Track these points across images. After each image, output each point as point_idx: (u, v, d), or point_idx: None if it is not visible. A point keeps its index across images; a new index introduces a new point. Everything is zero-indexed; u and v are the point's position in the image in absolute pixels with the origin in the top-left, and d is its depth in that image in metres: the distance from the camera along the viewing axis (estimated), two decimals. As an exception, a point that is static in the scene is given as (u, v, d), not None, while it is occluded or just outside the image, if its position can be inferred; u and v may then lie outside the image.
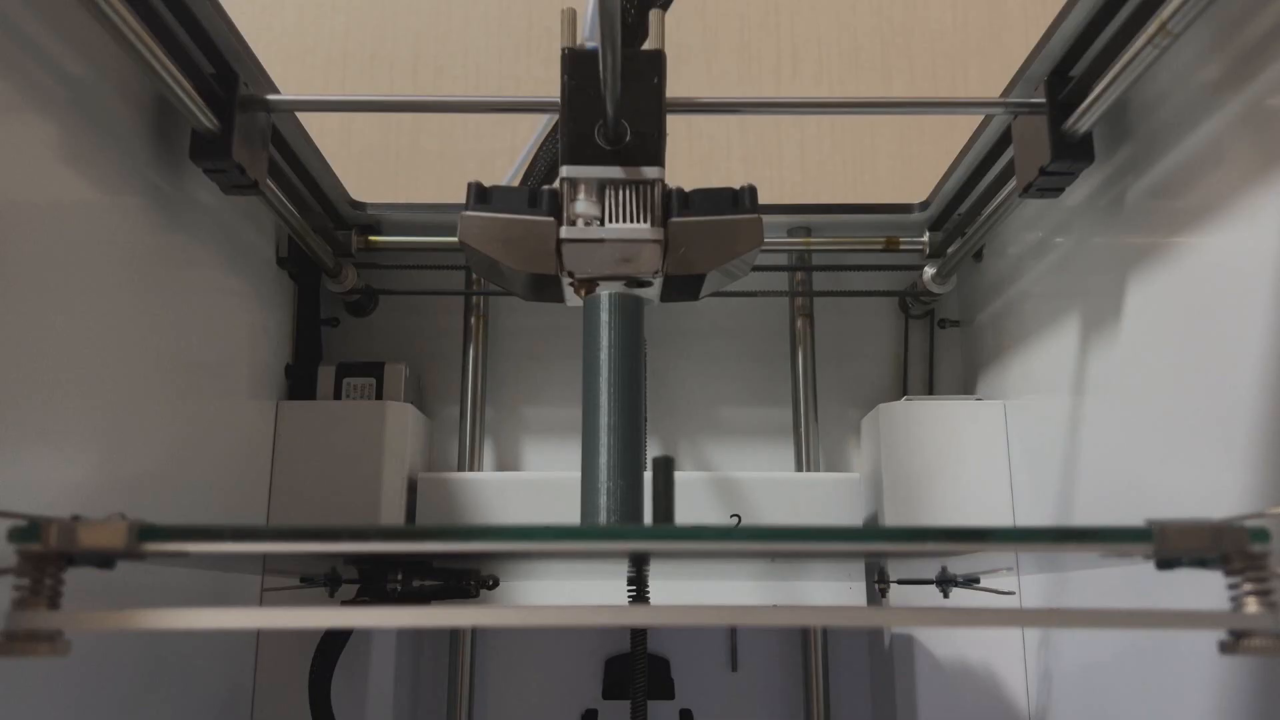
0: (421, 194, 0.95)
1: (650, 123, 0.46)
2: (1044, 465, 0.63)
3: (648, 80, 0.46)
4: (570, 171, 0.45)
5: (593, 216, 0.45)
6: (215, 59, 0.53)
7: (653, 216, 0.45)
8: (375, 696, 0.67)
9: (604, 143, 0.45)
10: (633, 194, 0.45)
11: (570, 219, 0.45)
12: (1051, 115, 0.53)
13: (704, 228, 0.45)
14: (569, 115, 0.46)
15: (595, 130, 0.45)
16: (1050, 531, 0.32)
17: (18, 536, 0.28)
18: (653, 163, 0.45)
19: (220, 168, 0.53)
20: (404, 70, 0.99)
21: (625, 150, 0.45)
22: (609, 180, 0.45)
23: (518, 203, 0.46)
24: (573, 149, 0.45)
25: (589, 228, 0.45)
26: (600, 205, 0.45)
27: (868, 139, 0.96)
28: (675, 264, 0.45)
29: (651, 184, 0.45)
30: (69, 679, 0.45)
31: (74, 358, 0.45)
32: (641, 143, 0.46)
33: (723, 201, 0.46)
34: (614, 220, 0.45)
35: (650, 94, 0.46)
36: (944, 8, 1.00)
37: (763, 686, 0.76)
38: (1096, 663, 0.57)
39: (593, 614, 0.29)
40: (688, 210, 0.45)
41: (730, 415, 0.81)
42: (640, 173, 0.45)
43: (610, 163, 0.45)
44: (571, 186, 0.45)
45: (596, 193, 0.45)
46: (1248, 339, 0.42)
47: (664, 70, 0.47)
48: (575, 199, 0.45)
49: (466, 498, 0.71)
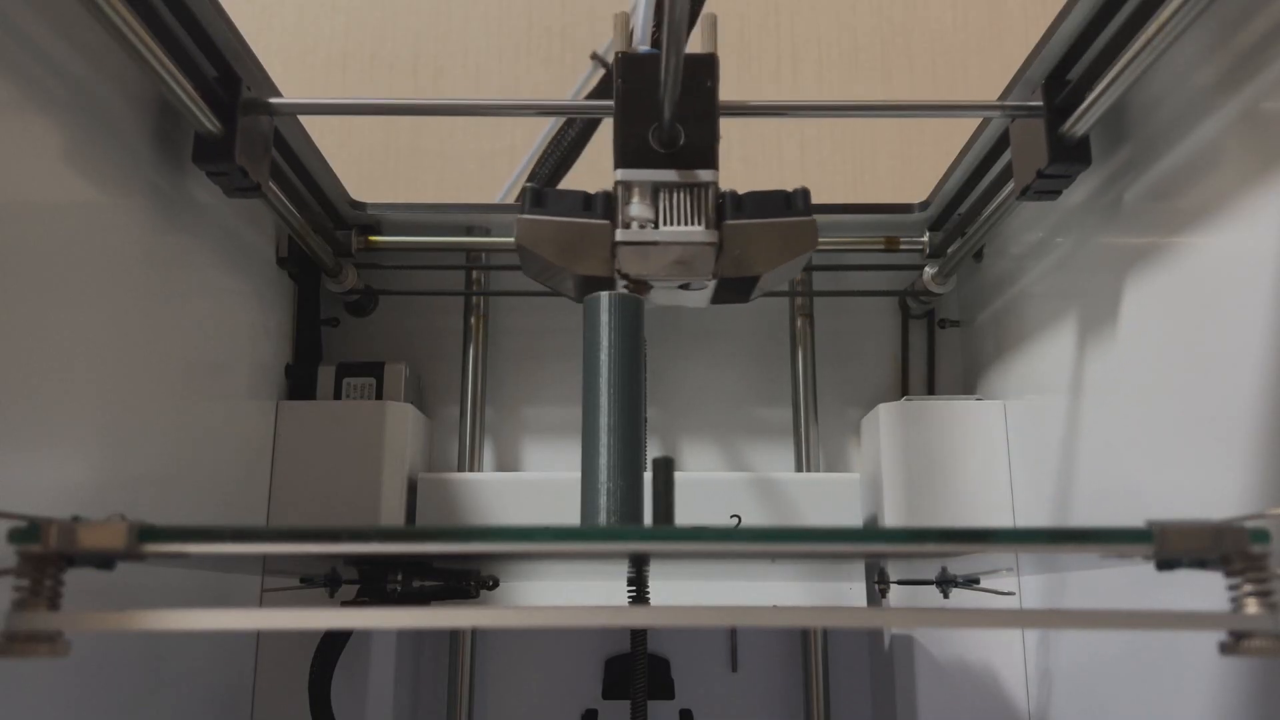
0: (421, 194, 0.95)
1: (704, 126, 0.46)
2: (1044, 465, 0.63)
3: (701, 83, 0.47)
4: (625, 175, 0.46)
5: (647, 219, 0.45)
6: (218, 62, 0.53)
7: (707, 219, 0.45)
8: (375, 696, 0.67)
9: (658, 146, 0.46)
10: (687, 197, 0.46)
11: (625, 221, 0.45)
12: (1049, 118, 0.53)
13: (758, 230, 0.46)
14: (623, 119, 0.46)
15: (650, 133, 0.46)
16: (1050, 532, 0.32)
17: (18, 537, 0.28)
18: (707, 166, 0.46)
19: (223, 171, 0.54)
20: (404, 71, 0.99)
21: (679, 153, 0.46)
22: (663, 183, 0.46)
23: (572, 206, 0.46)
24: (627, 152, 0.46)
25: (644, 230, 0.45)
26: (655, 208, 0.45)
27: (868, 139, 0.96)
28: (729, 266, 0.46)
29: (706, 187, 0.46)
30: (69, 680, 0.45)
31: (74, 358, 0.45)
32: (695, 146, 0.46)
33: (776, 204, 0.46)
34: (668, 223, 0.45)
35: (704, 97, 0.47)
36: (944, 7, 1.00)
37: (763, 687, 0.76)
38: (1096, 663, 0.57)
39: (592, 614, 0.29)
40: (741, 213, 0.46)
41: (730, 415, 0.81)
42: (695, 176, 0.46)
43: (665, 166, 0.46)
44: (626, 189, 0.46)
45: (651, 196, 0.46)
46: (1247, 339, 0.42)
47: (717, 74, 0.47)
48: (630, 202, 0.45)
49: (466, 498, 0.71)
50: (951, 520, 0.68)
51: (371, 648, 0.67)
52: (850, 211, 0.76)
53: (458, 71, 0.99)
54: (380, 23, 1.00)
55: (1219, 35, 0.45)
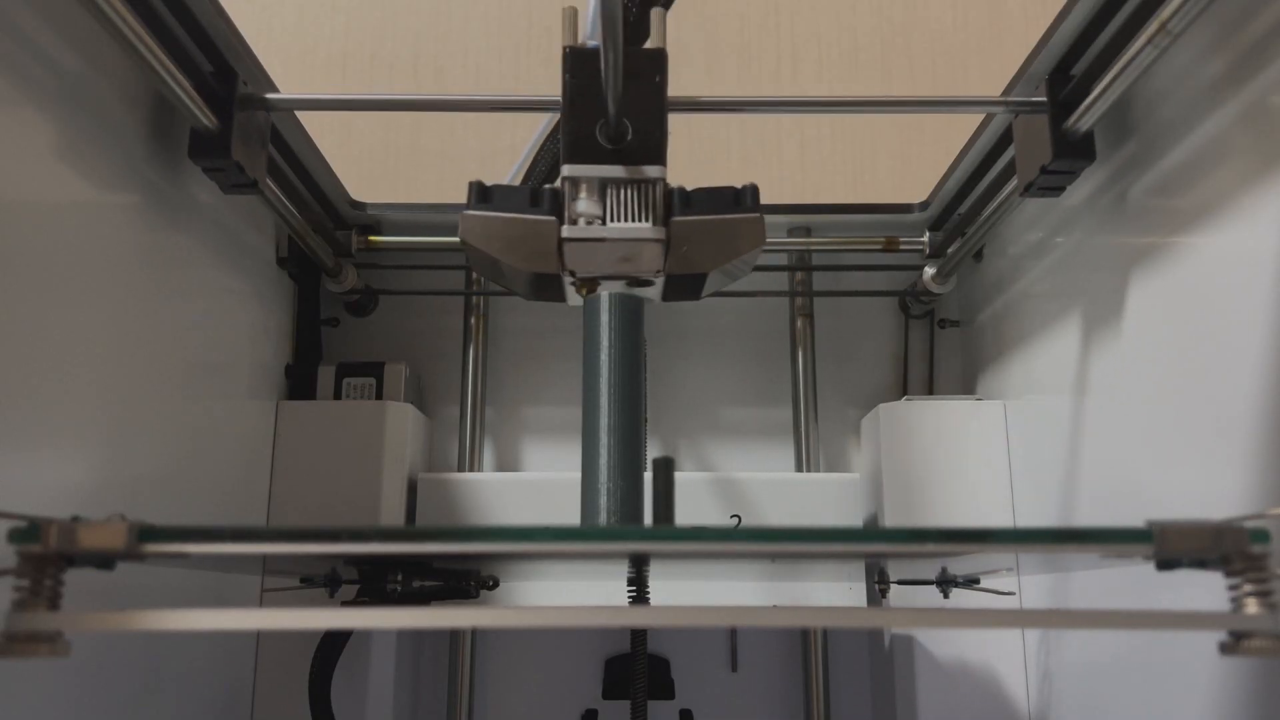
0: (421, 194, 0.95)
1: (652, 122, 0.46)
2: (1044, 465, 0.63)
3: (649, 79, 0.46)
4: (571, 170, 0.45)
5: (594, 215, 0.45)
6: (214, 57, 0.53)
7: (654, 215, 0.45)
8: (375, 696, 0.67)
9: (605, 141, 0.45)
10: (634, 193, 0.45)
11: (572, 218, 0.45)
12: (1053, 114, 0.53)
13: (705, 227, 0.45)
14: (570, 114, 0.46)
15: (597, 129, 0.45)
16: (1050, 532, 0.32)
17: (18, 537, 0.28)
18: (654, 161, 0.45)
19: (219, 166, 0.53)
20: (404, 70, 0.99)
21: (627, 149, 0.45)
22: (610, 179, 0.45)
23: (519, 202, 0.45)
24: (574, 148, 0.45)
25: (590, 227, 0.44)
26: (602, 204, 0.45)
27: (868, 139, 0.96)
28: (677, 263, 0.45)
29: (653, 183, 0.45)
30: (69, 680, 0.45)
31: (73, 358, 0.45)
32: (643, 142, 0.45)
33: (724, 201, 0.46)
34: (615, 219, 0.45)
35: (652, 93, 0.46)
36: (944, 7, 1.00)
37: (763, 687, 0.76)
38: (1096, 663, 0.57)
39: (592, 614, 0.29)
40: (689, 209, 0.45)
41: (730, 415, 0.81)
42: (642, 172, 0.45)
43: (612, 161, 0.45)
44: (573, 185, 0.45)
45: (598, 192, 0.45)
46: (1249, 339, 0.42)
47: (665, 69, 0.47)
48: (577, 198, 0.45)
49: (466, 498, 0.71)
50: (951, 520, 0.68)
51: (371, 647, 0.67)
52: (850, 211, 0.76)
53: (458, 71, 0.99)
54: (380, 23, 1.00)
55: (1223, 30, 0.44)
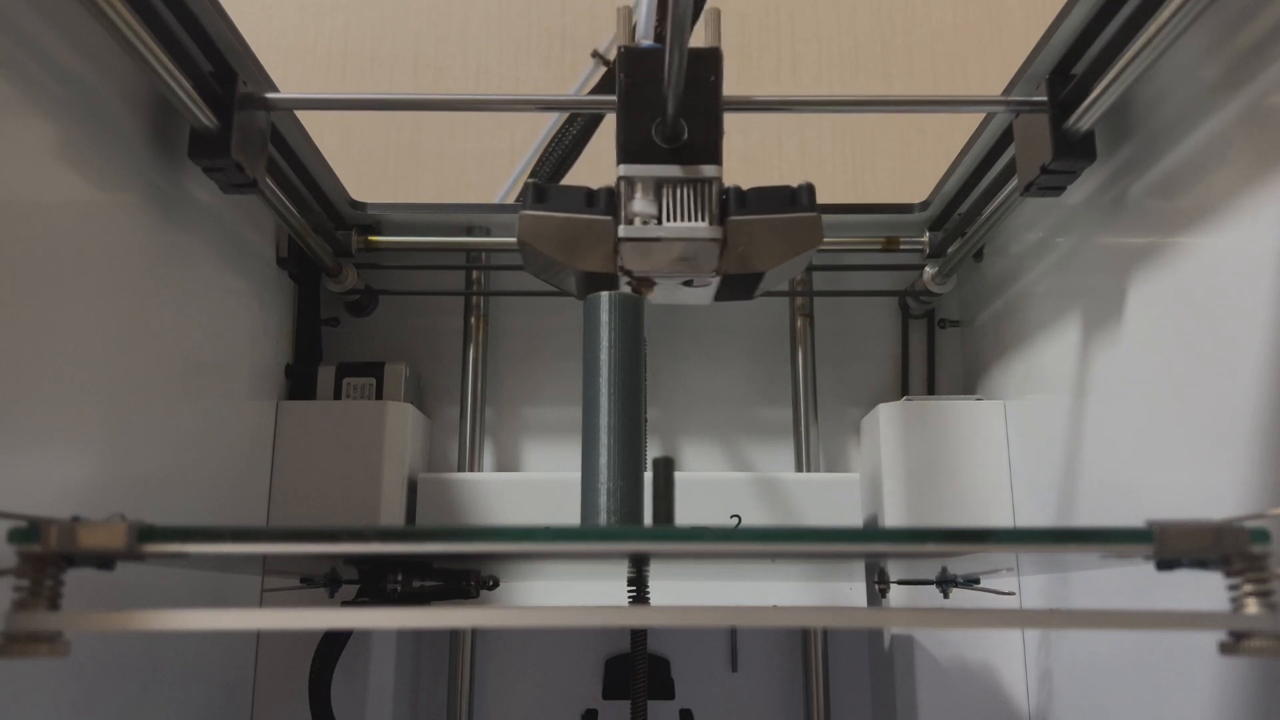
0: (421, 194, 0.95)
1: (708, 121, 0.46)
2: (1044, 465, 0.63)
3: (704, 78, 0.46)
4: (627, 170, 0.45)
5: (650, 215, 0.45)
6: (214, 57, 0.53)
7: (711, 215, 0.45)
8: (375, 696, 0.67)
9: (661, 141, 0.45)
10: (690, 192, 0.45)
11: (628, 218, 0.45)
12: (1053, 113, 0.53)
13: (763, 226, 0.45)
14: (626, 114, 0.46)
15: (653, 129, 0.45)
16: (1050, 532, 0.32)
17: (18, 537, 0.28)
18: (711, 161, 0.45)
19: (219, 166, 0.53)
20: (404, 70, 0.99)
21: (683, 149, 0.45)
22: (667, 179, 0.45)
23: (575, 202, 0.45)
24: (630, 147, 0.45)
25: (646, 226, 0.44)
26: (658, 204, 0.45)
27: (868, 139, 0.96)
28: (733, 263, 0.45)
29: (709, 182, 0.45)
30: (69, 680, 0.45)
31: (73, 358, 0.45)
32: (699, 141, 0.45)
33: (781, 200, 0.46)
34: (672, 219, 0.45)
35: (707, 92, 0.46)
36: (944, 7, 1.00)
37: (763, 687, 0.76)
38: (1096, 663, 0.57)
39: (592, 614, 0.29)
40: (745, 209, 0.45)
41: (730, 415, 0.81)
42: (698, 171, 0.45)
43: (668, 161, 0.45)
44: (629, 185, 0.45)
45: (654, 191, 0.45)
46: (1249, 339, 0.42)
47: (720, 68, 0.47)
48: (633, 198, 0.45)
49: (466, 498, 0.71)
50: (951, 520, 0.68)
51: (371, 647, 0.67)
52: (850, 211, 0.76)
53: (458, 71, 0.99)
54: (380, 23, 1.00)
55: (1225, 29, 0.44)
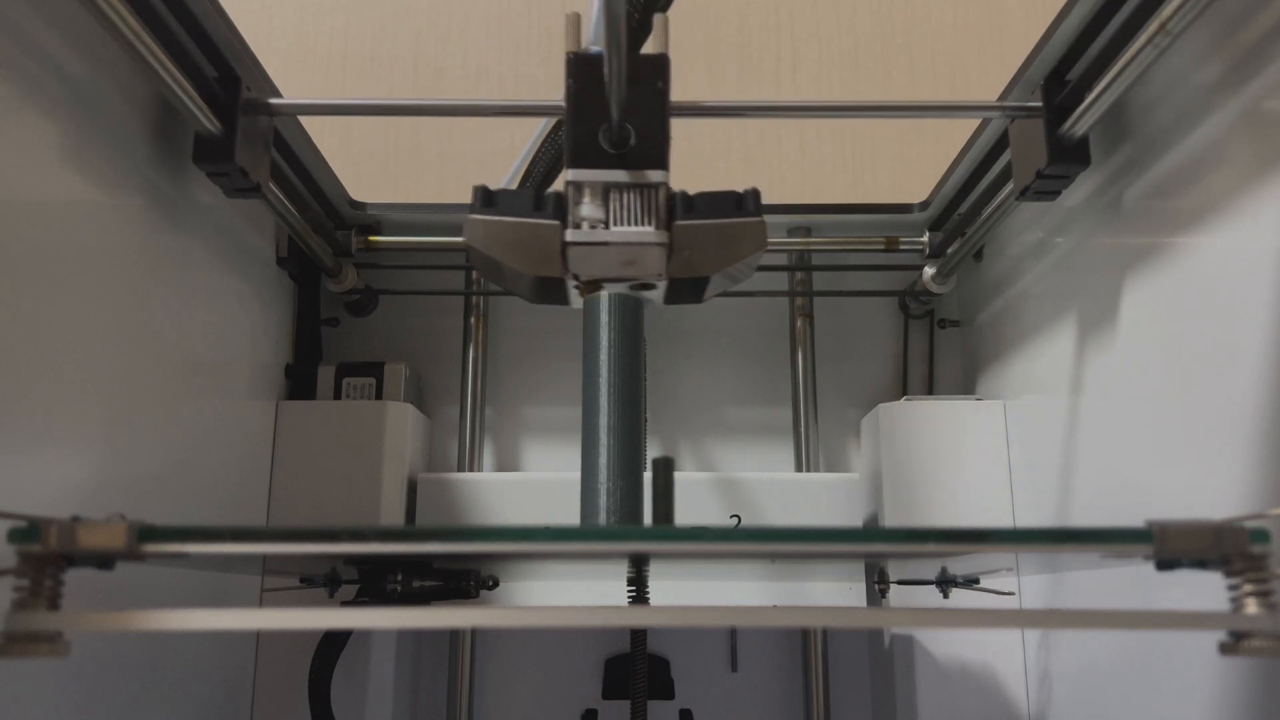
0: (421, 194, 0.95)
1: (654, 126, 0.46)
2: (1044, 465, 0.63)
3: (651, 84, 0.46)
4: (575, 175, 0.45)
5: (597, 220, 0.45)
6: (218, 62, 0.53)
7: (657, 220, 0.45)
8: (375, 696, 0.67)
9: (609, 146, 0.45)
10: (637, 197, 0.45)
11: (575, 222, 0.45)
12: (1048, 119, 0.53)
13: (708, 231, 0.45)
14: (573, 119, 0.46)
15: (600, 134, 0.46)
16: (1050, 532, 0.32)
17: (18, 537, 0.28)
18: (657, 166, 0.45)
19: (223, 171, 0.54)
20: (404, 71, 0.99)
21: (630, 154, 0.45)
22: (613, 184, 0.45)
23: (523, 206, 0.46)
24: (577, 152, 0.45)
25: (594, 231, 0.45)
26: (605, 208, 0.45)
27: (868, 139, 0.96)
28: (679, 267, 0.45)
29: (656, 187, 0.45)
30: (69, 680, 0.45)
31: (74, 358, 0.45)
32: (646, 146, 0.46)
33: (726, 204, 0.46)
34: (619, 223, 0.45)
35: (654, 97, 0.46)
36: (944, 7, 1.00)
37: (763, 687, 0.76)
38: (1096, 663, 0.57)
39: (592, 614, 0.29)
40: (691, 213, 0.45)
41: (730, 415, 0.81)
42: (645, 176, 0.45)
43: (615, 166, 0.45)
44: (576, 190, 0.45)
45: (601, 196, 0.45)
46: (1247, 339, 0.42)
47: (668, 74, 0.47)
48: (580, 202, 0.45)
49: (466, 498, 0.71)
50: (951, 520, 0.68)
51: (371, 647, 0.67)
52: (850, 211, 0.76)
53: (458, 72, 0.99)
54: (380, 23, 1.00)
55: (1220, 34, 0.45)
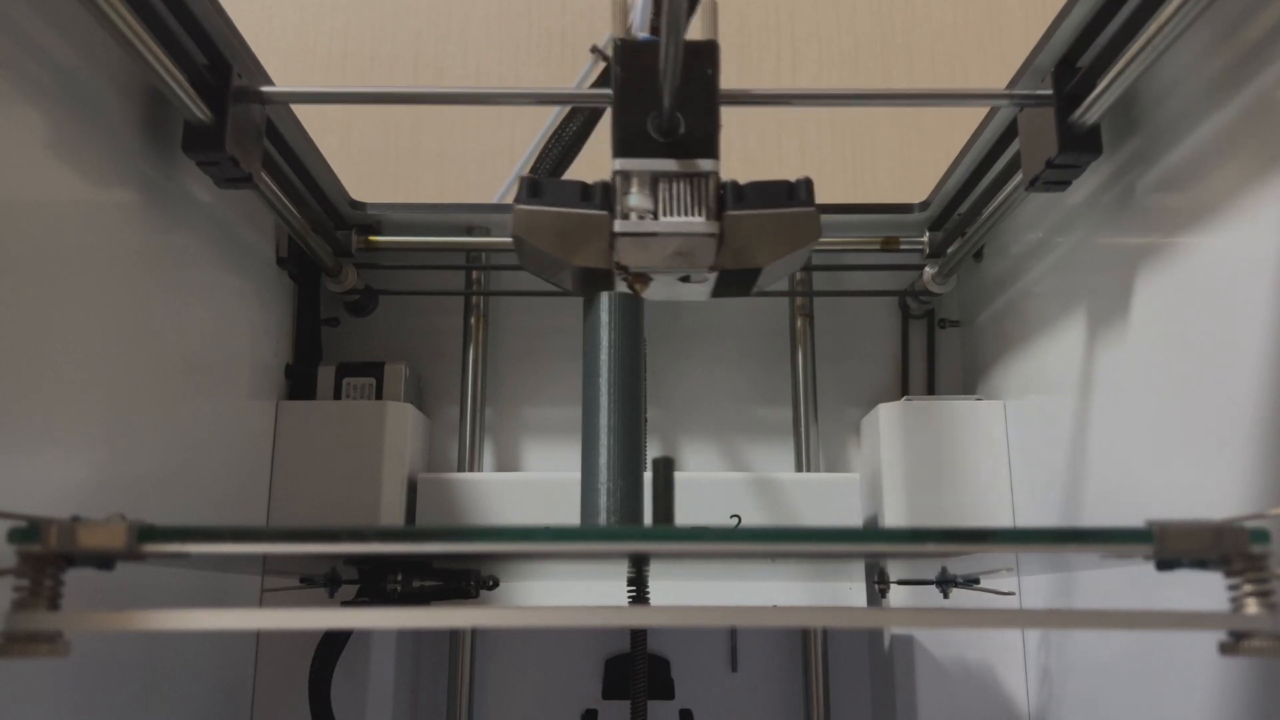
0: (422, 194, 0.95)
1: (704, 114, 0.45)
2: (1044, 465, 0.63)
3: (701, 71, 0.46)
4: (623, 164, 0.45)
5: (646, 210, 0.44)
6: (208, 49, 0.52)
7: (708, 210, 0.44)
8: (375, 696, 0.67)
9: (657, 135, 0.45)
10: (687, 187, 0.45)
11: (623, 212, 0.45)
12: (1059, 107, 0.53)
13: (761, 221, 0.45)
14: (622, 107, 0.45)
15: (649, 122, 0.45)
16: (1050, 532, 0.32)
17: (18, 537, 0.28)
18: (707, 155, 0.45)
19: (213, 160, 0.53)
20: (404, 71, 0.99)
21: (679, 143, 0.45)
22: (663, 173, 0.45)
23: (570, 196, 0.45)
24: (626, 141, 0.45)
25: (643, 221, 0.44)
26: (654, 198, 0.45)
27: (867, 139, 0.96)
28: (730, 258, 0.45)
29: (706, 176, 0.45)
30: (69, 680, 0.45)
31: (71, 357, 0.45)
32: (696, 134, 0.45)
33: (779, 194, 0.45)
34: (668, 214, 0.45)
35: (704, 85, 0.46)
36: (944, 7, 1.00)
37: (763, 687, 0.76)
38: (1096, 663, 0.57)
39: (592, 614, 0.29)
40: (742, 203, 0.45)
41: (730, 415, 0.81)
42: (695, 165, 0.45)
43: (664, 155, 0.45)
44: (624, 179, 0.45)
45: (650, 186, 0.45)
46: (1250, 339, 0.42)
47: (718, 61, 0.46)
48: (629, 192, 0.44)
49: (466, 498, 0.71)
50: (951, 520, 0.68)
51: (371, 647, 0.67)
52: (850, 211, 0.76)
53: (458, 72, 0.99)
54: (380, 23, 1.00)
55: (1233, 21, 0.44)
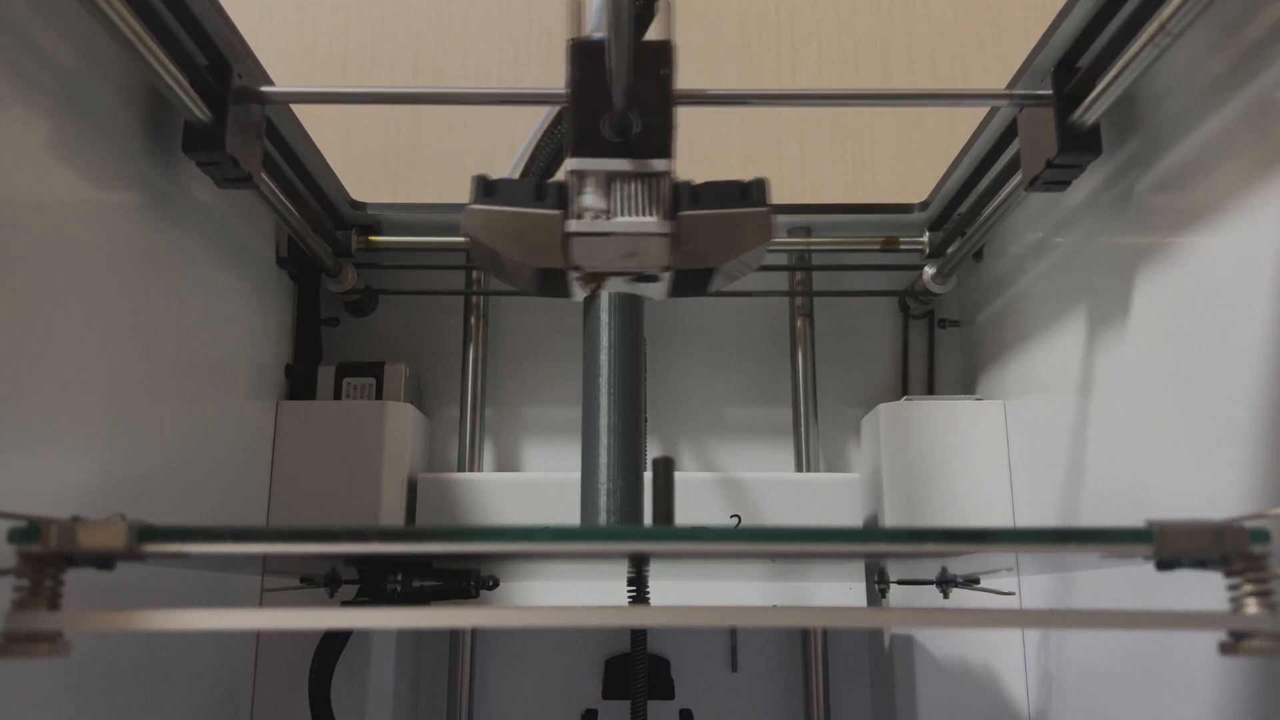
0: (422, 193, 0.95)
1: (658, 114, 0.45)
2: (1044, 465, 0.63)
3: (655, 71, 0.46)
4: (577, 164, 0.45)
5: (600, 210, 0.44)
6: (208, 50, 0.52)
7: (661, 210, 0.44)
8: (375, 696, 0.67)
9: (612, 135, 0.45)
10: (641, 187, 0.45)
11: (577, 212, 0.44)
12: (1059, 107, 0.53)
13: (713, 221, 0.45)
14: (576, 107, 0.45)
15: (603, 122, 0.45)
16: (1050, 532, 0.32)
17: (18, 537, 0.28)
18: (661, 155, 0.45)
19: (213, 160, 0.53)
20: (404, 71, 0.99)
21: (633, 143, 0.45)
22: (617, 173, 0.45)
23: (524, 195, 0.45)
24: (580, 141, 0.45)
25: (596, 221, 0.44)
26: (608, 198, 0.44)
27: (867, 139, 0.96)
28: (684, 258, 0.45)
29: (659, 176, 0.45)
30: (69, 680, 0.45)
31: (71, 357, 0.45)
32: (650, 135, 0.45)
33: (732, 195, 0.45)
34: (622, 213, 0.44)
35: (658, 85, 0.46)
36: (944, 7, 1.00)
37: (763, 687, 0.76)
38: (1097, 663, 0.57)
39: (592, 614, 0.29)
40: (696, 204, 0.45)
41: (730, 415, 0.81)
42: (648, 165, 0.45)
43: (618, 155, 0.45)
44: (578, 179, 0.45)
45: (604, 185, 0.45)
46: (1250, 339, 0.42)
47: (672, 61, 0.46)
48: (582, 192, 0.44)
49: (466, 498, 0.71)
50: (951, 520, 0.68)
51: (371, 647, 0.67)
52: (850, 211, 0.76)
53: (458, 72, 0.99)
54: (380, 23, 1.00)
55: (1233, 21, 0.44)
